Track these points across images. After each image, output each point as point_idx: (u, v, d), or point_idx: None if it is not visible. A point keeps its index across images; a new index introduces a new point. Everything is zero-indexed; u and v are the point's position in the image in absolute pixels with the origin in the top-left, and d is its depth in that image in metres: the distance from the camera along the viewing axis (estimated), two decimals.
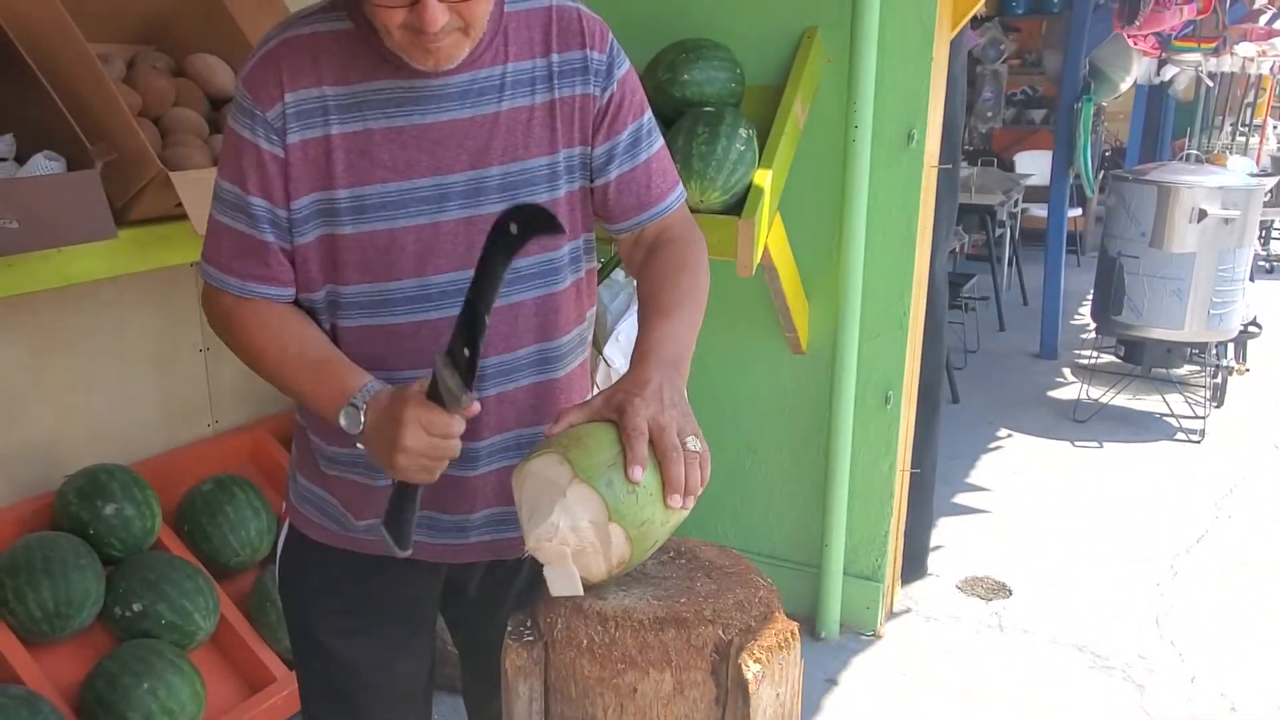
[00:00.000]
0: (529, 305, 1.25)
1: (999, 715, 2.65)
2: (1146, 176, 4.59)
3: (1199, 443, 4.56)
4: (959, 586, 3.29)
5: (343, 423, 1.12)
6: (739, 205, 2.40)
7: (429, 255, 1.20)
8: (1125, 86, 5.94)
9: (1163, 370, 5.04)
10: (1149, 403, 5.02)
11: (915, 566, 3.29)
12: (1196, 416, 4.77)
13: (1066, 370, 5.56)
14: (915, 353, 2.91)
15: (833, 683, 2.78)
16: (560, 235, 1.11)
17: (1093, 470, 4.27)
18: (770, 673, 1.03)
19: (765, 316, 2.87)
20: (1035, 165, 7.48)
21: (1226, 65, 6.87)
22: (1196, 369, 5.11)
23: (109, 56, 2.16)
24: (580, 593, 1.06)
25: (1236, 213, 4.40)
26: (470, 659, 1.54)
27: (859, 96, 2.59)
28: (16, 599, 2.07)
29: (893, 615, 3.10)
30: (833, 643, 2.95)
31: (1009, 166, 7.67)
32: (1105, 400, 4.93)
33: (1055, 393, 5.23)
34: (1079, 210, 7.40)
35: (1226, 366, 5.06)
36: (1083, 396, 4.93)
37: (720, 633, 1.04)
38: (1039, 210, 6.71)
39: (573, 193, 1.26)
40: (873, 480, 2.91)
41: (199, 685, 2.18)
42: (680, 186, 1.35)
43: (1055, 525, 3.73)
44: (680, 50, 2.54)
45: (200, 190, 1.92)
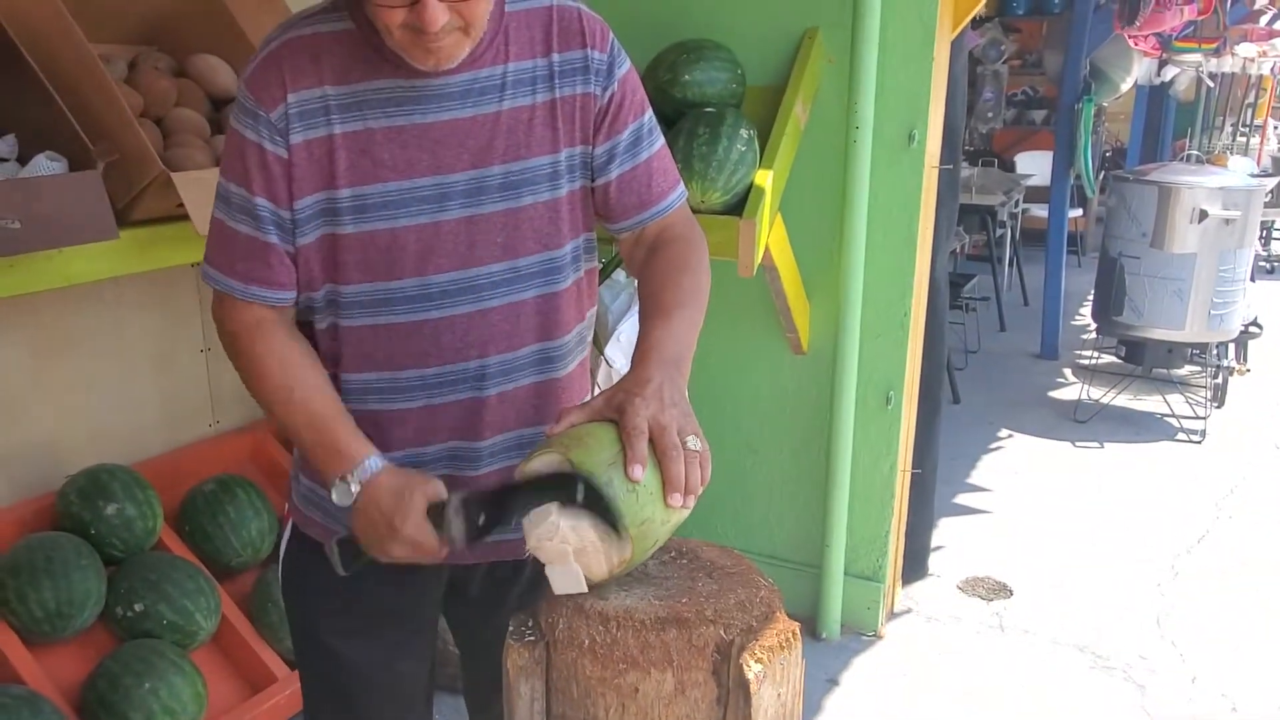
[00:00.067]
0: (530, 304, 1.26)
1: (1000, 715, 2.65)
2: (1147, 177, 4.58)
3: (1200, 443, 4.56)
4: (960, 587, 3.29)
5: (334, 496, 1.16)
6: (740, 206, 2.40)
7: (430, 255, 1.20)
8: (1126, 87, 5.94)
9: (1163, 371, 5.04)
10: (1150, 403, 5.02)
11: (916, 567, 3.29)
12: (1197, 417, 4.77)
13: (1067, 370, 5.56)
14: (916, 353, 2.91)
15: (834, 683, 2.78)
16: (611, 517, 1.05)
17: (1093, 471, 4.27)
18: (772, 673, 1.03)
19: (766, 317, 2.87)
20: (1036, 166, 7.47)
21: (1227, 66, 6.87)
22: (1197, 369, 5.11)
23: (110, 57, 2.16)
24: (584, 589, 1.06)
25: (1237, 213, 4.40)
26: (471, 659, 1.54)
27: (860, 97, 2.59)
28: (18, 599, 2.07)
29: (894, 615, 3.10)
30: (834, 643, 2.95)
31: (1010, 167, 7.67)
32: (1106, 401, 4.93)
33: (1056, 393, 5.23)
34: (1080, 211, 7.40)
35: (1227, 367, 5.06)
36: (1083, 397, 4.92)
37: (722, 633, 1.04)
38: (1040, 211, 6.70)
39: (574, 192, 1.26)
40: (874, 480, 2.91)
41: (200, 685, 2.18)
42: (681, 186, 1.35)
43: (1056, 525, 3.73)
44: (681, 51, 2.55)
45: (202, 191, 1.92)
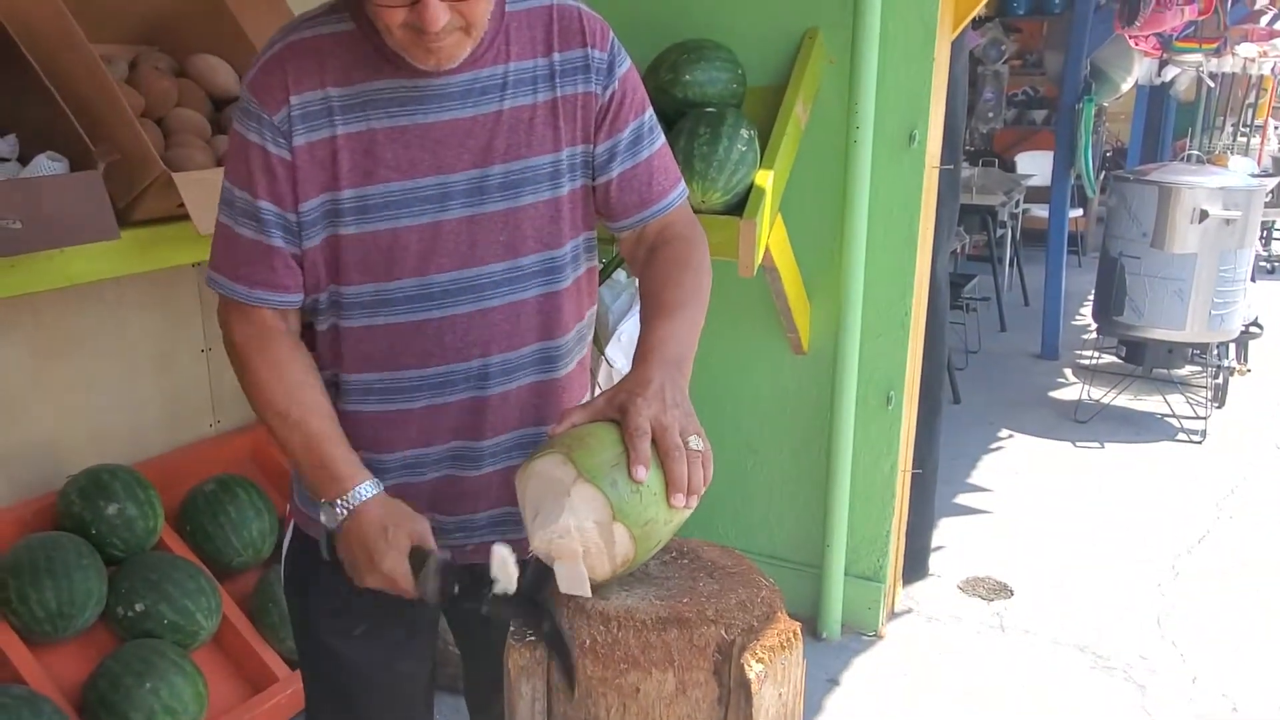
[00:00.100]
0: (532, 303, 1.26)
1: (1000, 716, 2.65)
2: (1148, 177, 4.58)
3: (1200, 443, 4.55)
4: (960, 587, 3.29)
5: (322, 518, 1.18)
6: (740, 206, 2.40)
7: (431, 254, 1.20)
8: (1126, 87, 5.93)
9: (1164, 371, 5.04)
10: (1150, 403, 5.01)
11: (916, 567, 3.29)
12: (1198, 417, 4.77)
13: (1068, 371, 5.56)
14: (917, 353, 2.91)
15: (834, 683, 2.78)
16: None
17: (1094, 471, 4.27)
18: (773, 673, 1.03)
19: (767, 317, 2.87)
20: (1036, 166, 7.47)
21: (1228, 66, 6.86)
22: (1198, 369, 5.10)
23: (111, 57, 2.16)
24: (588, 594, 1.06)
25: (1238, 213, 4.39)
26: (472, 659, 1.54)
27: (860, 97, 2.59)
28: (19, 599, 2.07)
29: (894, 615, 3.10)
30: (834, 643, 2.95)
31: (1010, 167, 7.67)
32: (1106, 401, 4.92)
33: (1056, 393, 5.23)
34: (1080, 211, 7.40)
35: (1228, 367, 5.06)
36: (1084, 397, 4.92)
37: (723, 633, 1.04)
38: (1040, 211, 6.70)
39: (575, 191, 1.26)
40: (874, 481, 2.91)
41: (201, 685, 2.18)
42: (682, 184, 1.35)
43: (1057, 526, 3.73)
44: (682, 51, 2.54)
45: (203, 191, 1.92)
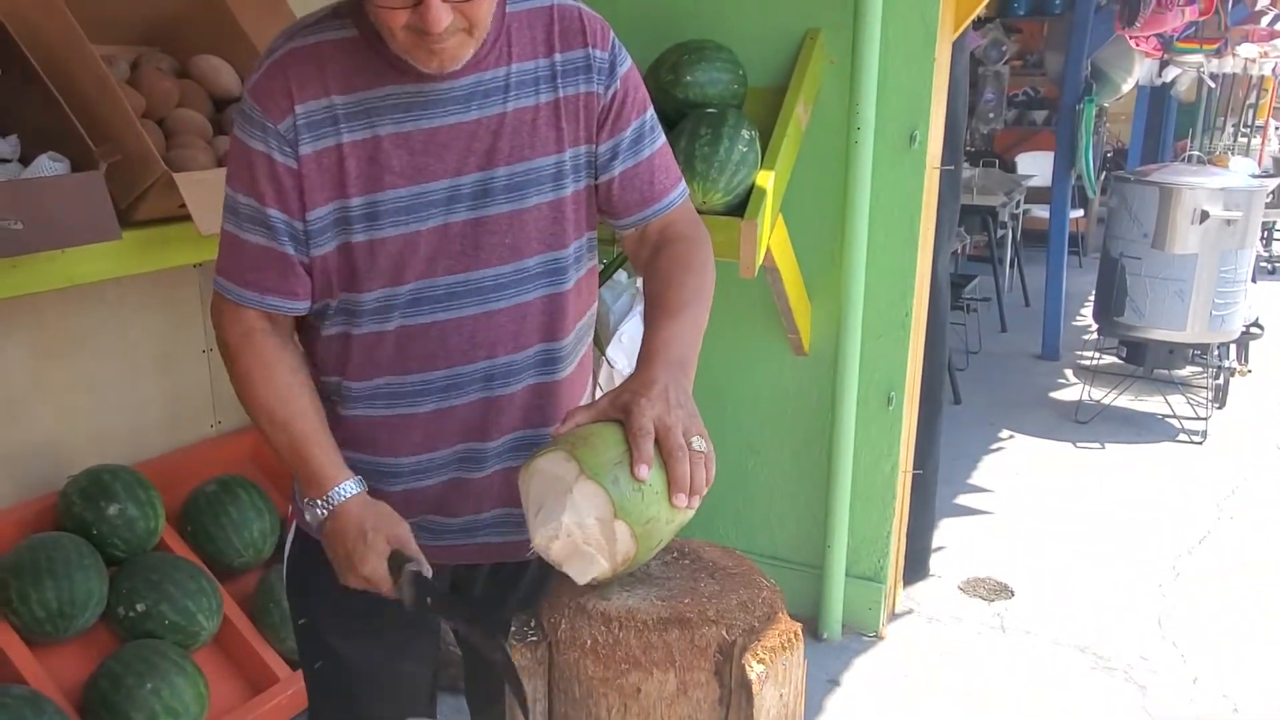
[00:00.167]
0: (536, 304, 1.26)
1: (1001, 716, 2.65)
2: (1148, 178, 4.58)
3: (1201, 444, 4.55)
4: (961, 587, 3.29)
5: (306, 515, 1.22)
6: (741, 206, 2.40)
7: (437, 257, 1.20)
8: (1127, 88, 5.93)
9: (1165, 371, 5.03)
10: (1151, 404, 5.01)
11: (917, 567, 3.29)
12: (1198, 418, 4.77)
13: (1068, 371, 5.56)
14: (917, 354, 2.91)
15: (835, 683, 2.78)
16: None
17: (1095, 471, 4.26)
18: (774, 673, 1.03)
19: (767, 318, 2.87)
20: (1037, 166, 7.47)
21: (1228, 66, 6.86)
22: (1198, 370, 5.10)
23: (113, 58, 2.16)
24: (605, 567, 1.06)
25: (1238, 214, 4.39)
26: (474, 660, 1.54)
27: (861, 98, 2.59)
28: (20, 599, 2.07)
29: (895, 616, 3.10)
30: (835, 644, 2.95)
31: (1011, 168, 7.66)
32: (1107, 401, 4.92)
33: (1057, 394, 5.23)
34: (1081, 211, 7.40)
35: (1228, 368, 5.06)
36: (1085, 398, 4.92)
37: (724, 633, 1.04)
38: (1041, 211, 6.70)
39: (578, 192, 1.26)
40: (875, 481, 2.91)
41: (202, 686, 2.18)
42: (683, 183, 1.35)
43: (1057, 526, 3.73)
44: (683, 51, 2.55)
45: (204, 191, 1.93)
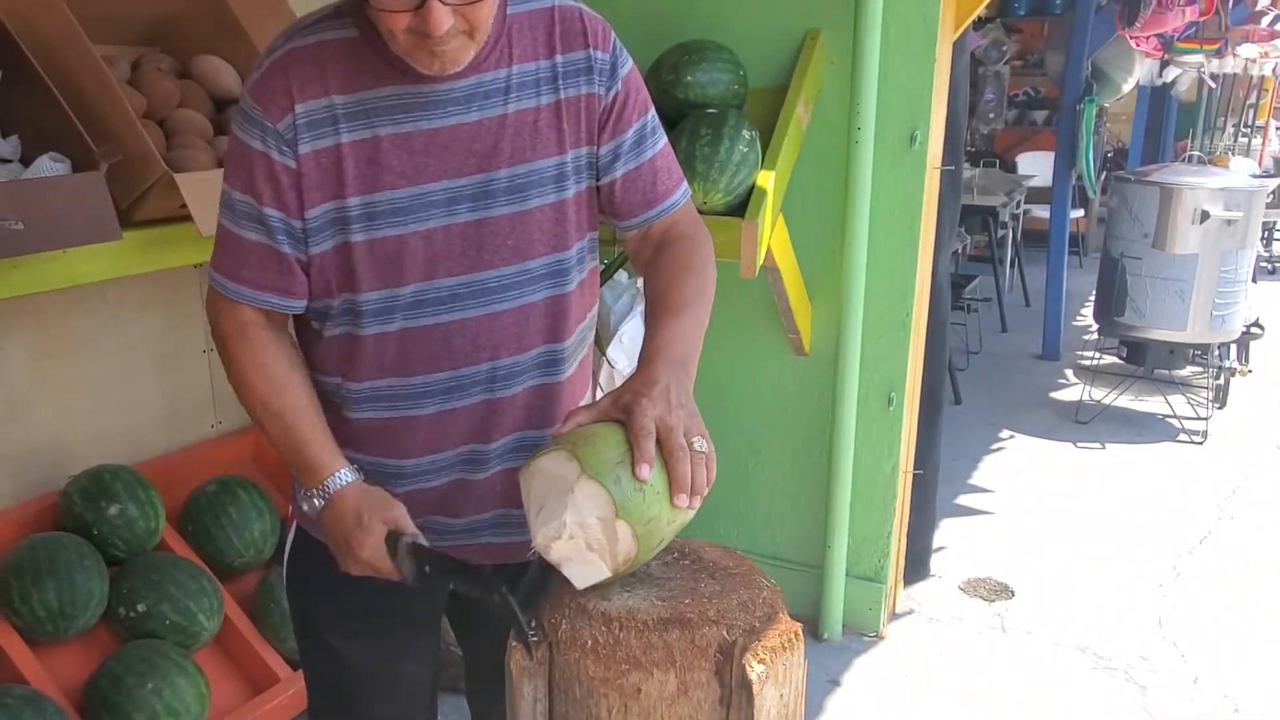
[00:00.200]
0: (540, 306, 1.26)
1: (1001, 716, 2.65)
2: (1149, 178, 4.58)
3: (1201, 444, 4.55)
4: (961, 588, 3.29)
5: (303, 506, 1.22)
6: (742, 207, 2.41)
7: (438, 259, 1.20)
8: (1127, 88, 5.93)
9: (1165, 371, 5.04)
10: (1151, 404, 5.01)
11: (918, 567, 3.29)
12: (1199, 418, 4.77)
13: (1069, 371, 5.56)
14: (918, 354, 2.91)
15: (835, 684, 2.78)
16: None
17: (1095, 471, 4.26)
18: (774, 673, 1.03)
19: (768, 318, 2.87)
20: (1037, 166, 7.47)
21: (1229, 66, 6.85)
22: (1199, 370, 5.10)
23: (114, 58, 2.16)
24: (607, 574, 1.06)
25: (1239, 214, 4.39)
26: (474, 660, 1.54)
27: (862, 98, 2.59)
28: (21, 599, 2.07)
29: (895, 616, 3.10)
30: (835, 644, 2.95)
31: (1011, 168, 7.66)
32: (1107, 401, 4.92)
33: (1057, 394, 5.23)
34: (1081, 211, 7.40)
35: (1229, 368, 5.06)
36: (1085, 398, 4.92)
37: (724, 633, 1.04)
38: (1041, 211, 6.70)
39: (580, 193, 1.26)
40: (875, 481, 2.91)
41: (203, 686, 2.18)
42: (685, 184, 1.36)
43: (1058, 526, 3.73)
44: (683, 52, 2.55)
45: (205, 192, 1.92)
